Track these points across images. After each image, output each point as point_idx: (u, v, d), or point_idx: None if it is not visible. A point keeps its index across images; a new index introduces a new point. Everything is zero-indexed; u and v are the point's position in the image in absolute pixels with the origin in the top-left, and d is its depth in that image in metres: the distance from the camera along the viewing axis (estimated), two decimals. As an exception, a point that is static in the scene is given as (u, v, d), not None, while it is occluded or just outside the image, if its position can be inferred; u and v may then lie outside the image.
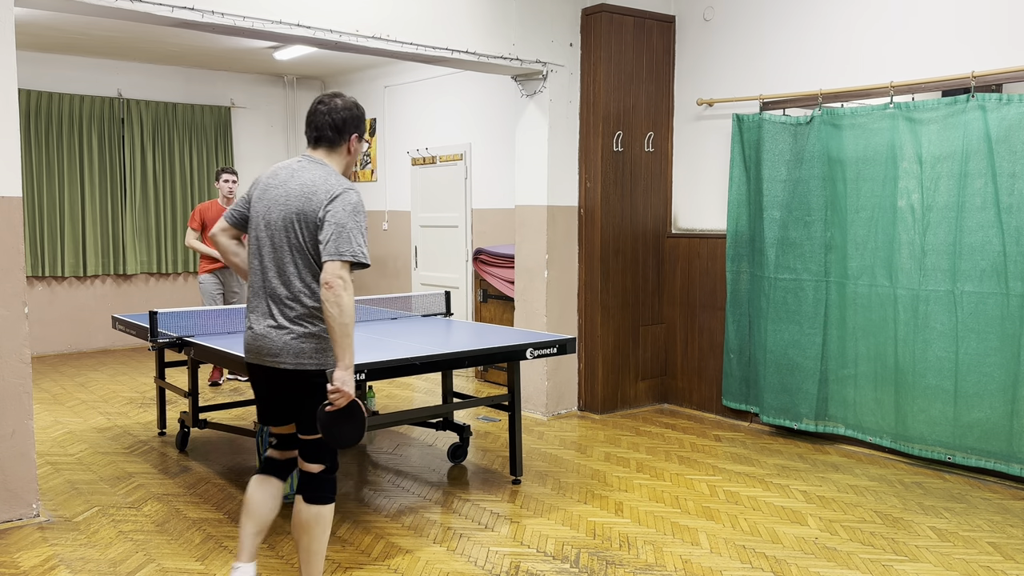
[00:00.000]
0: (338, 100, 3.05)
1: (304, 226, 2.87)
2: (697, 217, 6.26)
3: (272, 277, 2.92)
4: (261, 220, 2.96)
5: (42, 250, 8.70)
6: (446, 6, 5.37)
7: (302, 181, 2.92)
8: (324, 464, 3.01)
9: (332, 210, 2.84)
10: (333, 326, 2.77)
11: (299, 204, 2.88)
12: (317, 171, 2.95)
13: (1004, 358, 4.51)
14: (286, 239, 2.90)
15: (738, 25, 5.90)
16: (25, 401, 3.99)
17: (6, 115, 3.88)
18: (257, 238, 2.97)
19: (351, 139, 3.07)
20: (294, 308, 2.90)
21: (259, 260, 2.96)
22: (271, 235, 2.92)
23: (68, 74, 8.80)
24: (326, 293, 2.77)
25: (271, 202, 2.95)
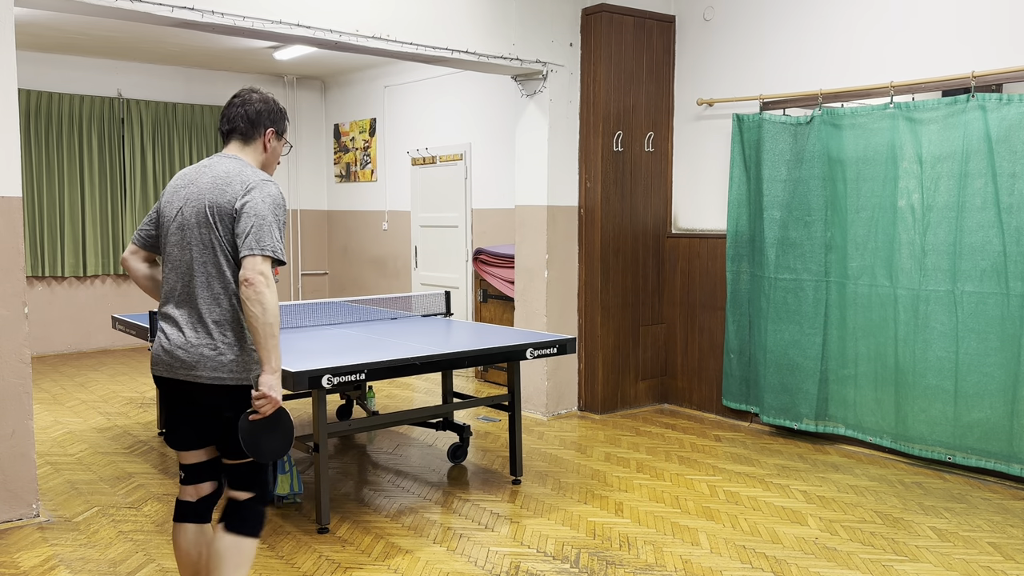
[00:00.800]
0: (255, 94, 2.80)
1: (219, 220, 2.59)
2: (697, 217, 6.26)
3: (186, 281, 2.63)
4: (172, 223, 2.67)
5: (42, 250, 8.70)
6: (446, 6, 5.37)
7: (214, 174, 2.65)
8: (253, 492, 2.75)
9: (250, 201, 2.57)
10: (256, 326, 2.50)
11: (212, 196, 2.60)
12: (230, 163, 2.69)
13: (1004, 358, 4.51)
14: (199, 237, 2.61)
15: (738, 25, 5.90)
16: (25, 401, 3.99)
17: (6, 115, 3.88)
18: (167, 242, 2.69)
19: (267, 133, 2.78)
20: (212, 313, 2.60)
21: (171, 265, 2.68)
22: (183, 236, 2.64)
23: (68, 74, 8.80)
24: (246, 291, 2.50)
25: (182, 202, 2.66)
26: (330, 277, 10.68)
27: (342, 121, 10.24)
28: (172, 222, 2.68)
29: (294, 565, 3.57)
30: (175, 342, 2.62)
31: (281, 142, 2.86)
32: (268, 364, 2.54)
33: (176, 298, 2.66)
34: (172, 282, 2.67)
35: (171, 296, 2.67)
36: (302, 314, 5.62)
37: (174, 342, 2.63)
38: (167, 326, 2.66)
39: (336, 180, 10.44)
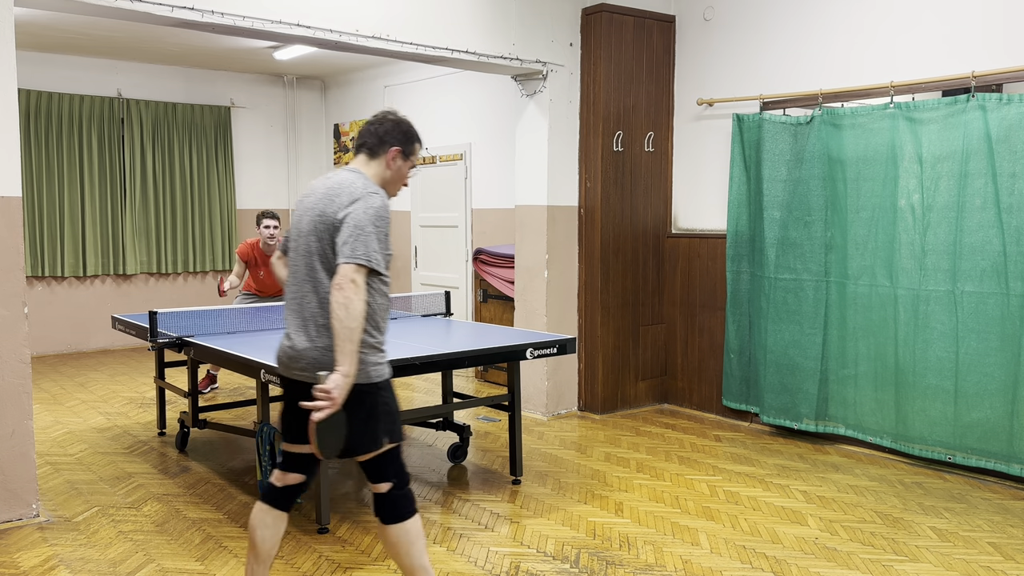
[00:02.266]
0: (390, 115, 3.01)
1: (324, 229, 2.74)
2: (697, 217, 6.26)
3: (301, 287, 2.80)
4: (295, 231, 2.87)
5: (42, 250, 8.70)
6: (446, 6, 5.37)
7: (328, 185, 2.82)
8: (391, 481, 2.81)
9: (352, 212, 2.69)
10: (337, 328, 2.59)
11: (322, 207, 2.76)
12: (346, 175, 2.84)
13: (1004, 358, 4.51)
14: (307, 245, 2.78)
15: (738, 25, 5.90)
16: (25, 401, 3.99)
17: (6, 115, 3.88)
18: (291, 249, 2.88)
19: (391, 151, 2.97)
20: (318, 318, 2.74)
21: (292, 272, 2.86)
22: (300, 244, 2.81)
23: (68, 74, 8.80)
24: (335, 295, 2.61)
25: (302, 211, 2.85)
26: (330, 277, 10.67)
27: (342, 121, 10.24)
28: (295, 230, 2.88)
29: (294, 565, 3.57)
30: (289, 343, 2.81)
31: (407, 163, 3.03)
32: (341, 366, 2.61)
33: (291, 303, 2.84)
34: (290, 287, 2.87)
35: (289, 300, 2.86)
36: (302, 314, 5.60)
37: (288, 343, 2.82)
38: (288, 328, 2.84)
39: (336, 180, 10.42)
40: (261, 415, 4.36)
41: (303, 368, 2.76)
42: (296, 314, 2.80)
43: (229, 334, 4.80)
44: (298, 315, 2.79)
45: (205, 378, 6.81)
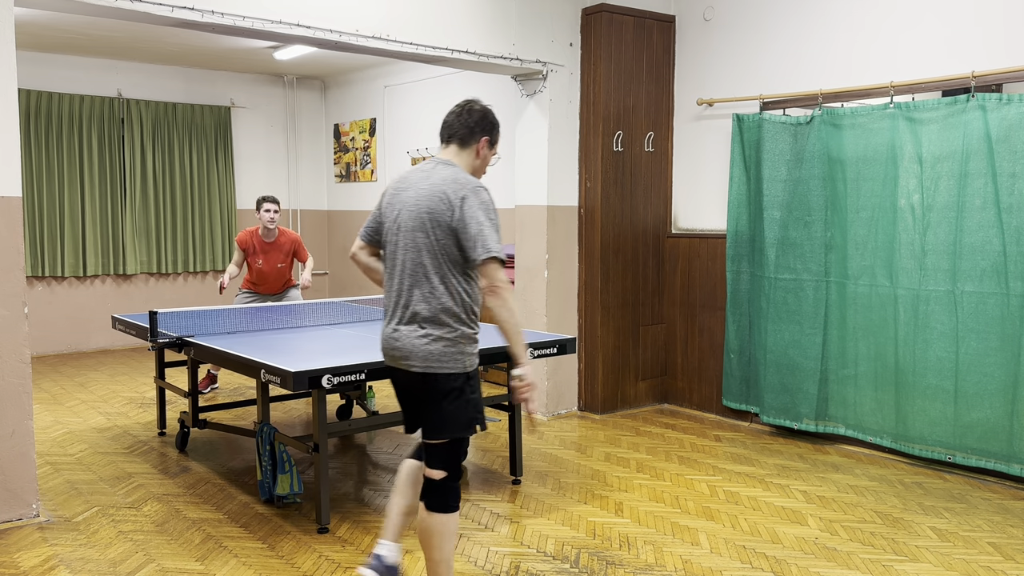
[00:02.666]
0: (476, 104, 3.06)
1: (435, 226, 2.85)
2: (697, 217, 6.26)
3: (406, 281, 2.90)
4: (393, 225, 2.95)
5: (42, 250, 8.70)
6: (446, 6, 5.37)
7: (433, 182, 2.90)
8: (447, 471, 2.93)
9: (468, 209, 2.82)
10: (507, 329, 2.84)
11: (430, 204, 2.86)
12: (447, 171, 2.93)
13: (1004, 358, 4.51)
14: (414, 241, 2.88)
15: (738, 25, 5.90)
16: (25, 401, 3.99)
17: (6, 115, 3.88)
18: (389, 243, 2.97)
19: (481, 141, 3.03)
20: (427, 310, 2.86)
21: (392, 265, 2.95)
22: (403, 239, 2.90)
23: (68, 74, 8.80)
24: (493, 300, 2.82)
25: (402, 206, 2.93)
26: (330, 277, 10.69)
27: (342, 121, 10.24)
28: (393, 224, 2.95)
29: (294, 565, 3.57)
30: (393, 335, 2.92)
31: (492, 152, 3.10)
32: (523, 358, 2.89)
33: (395, 296, 2.94)
34: (391, 281, 2.96)
35: (390, 294, 2.96)
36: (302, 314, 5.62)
37: (392, 335, 2.93)
38: (389, 320, 2.95)
39: (336, 180, 10.44)
40: (261, 415, 4.36)
41: (408, 360, 2.88)
42: (398, 306, 2.92)
43: (229, 334, 4.80)
44: (401, 307, 2.91)
45: (205, 378, 6.80)
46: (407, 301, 2.89)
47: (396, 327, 2.92)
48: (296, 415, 6.15)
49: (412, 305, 2.88)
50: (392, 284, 2.95)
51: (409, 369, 2.89)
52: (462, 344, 2.89)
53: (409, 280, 2.89)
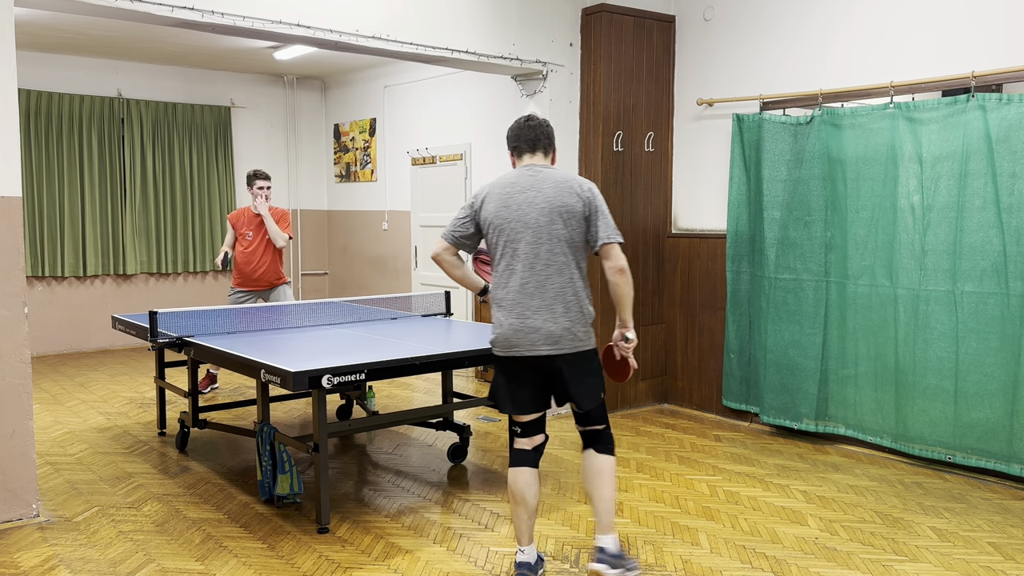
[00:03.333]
0: (541, 118, 3.45)
1: (570, 218, 3.20)
2: (697, 217, 6.26)
3: (539, 273, 3.18)
4: (516, 223, 3.20)
5: (42, 250, 8.70)
6: (446, 6, 5.37)
7: (555, 181, 3.25)
8: (605, 423, 3.36)
9: (595, 200, 3.25)
10: (625, 300, 3.26)
11: (562, 200, 3.20)
12: (559, 172, 3.32)
13: (1004, 358, 4.51)
14: (551, 233, 3.18)
15: (738, 25, 5.90)
16: (25, 401, 3.99)
17: (6, 115, 3.88)
18: (512, 240, 3.20)
19: (554, 150, 3.45)
20: (565, 296, 3.19)
21: (519, 261, 3.19)
22: (533, 235, 3.18)
23: (68, 74, 8.80)
24: (620, 277, 3.22)
25: (526, 206, 3.21)
26: (330, 277, 10.69)
27: (342, 121, 10.24)
28: (515, 223, 3.20)
29: (294, 565, 3.57)
30: (530, 325, 3.17)
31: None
32: (631, 322, 3.33)
33: (529, 288, 3.18)
34: (520, 274, 3.19)
35: (523, 287, 3.18)
36: (302, 314, 5.62)
37: (529, 325, 3.17)
38: (521, 312, 3.18)
39: (336, 180, 10.44)
40: (261, 415, 4.36)
41: (555, 343, 3.18)
42: (535, 296, 3.18)
43: (229, 334, 4.80)
44: (538, 297, 3.18)
45: (205, 378, 6.80)
46: (547, 290, 3.18)
47: (537, 317, 3.17)
48: (296, 415, 6.15)
49: (552, 293, 3.18)
50: (525, 276, 3.19)
51: (558, 353, 3.18)
52: (590, 324, 3.28)
53: (547, 270, 3.18)
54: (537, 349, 3.18)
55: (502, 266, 3.24)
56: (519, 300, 3.19)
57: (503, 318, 3.22)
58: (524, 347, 3.19)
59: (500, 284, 3.25)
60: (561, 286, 3.19)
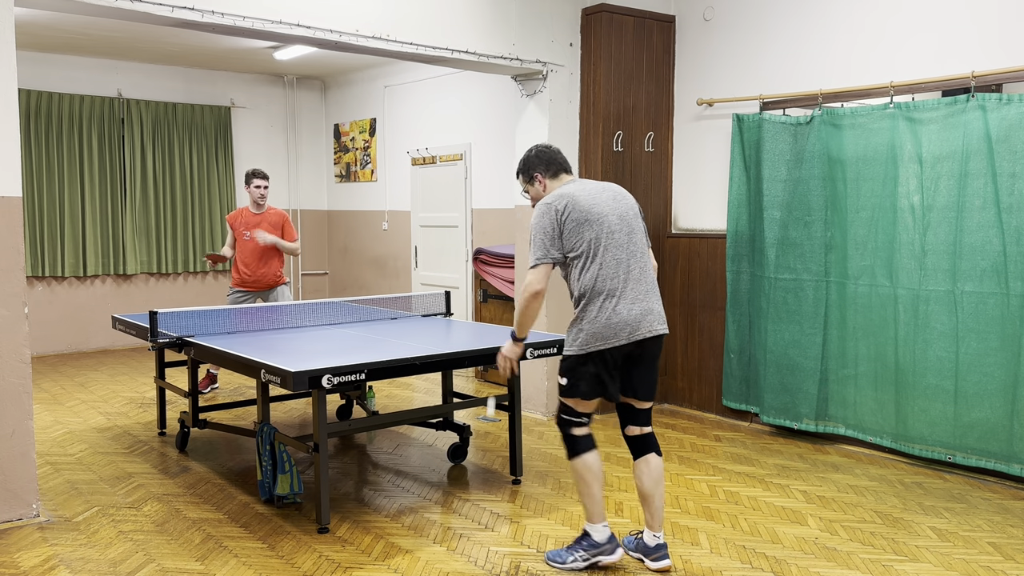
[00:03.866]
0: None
1: (638, 220, 3.54)
2: (697, 217, 6.26)
3: (636, 264, 3.44)
4: (612, 216, 3.42)
5: (42, 250, 8.70)
6: (446, 6, 5.37)
7: (616, 191, 3.55)
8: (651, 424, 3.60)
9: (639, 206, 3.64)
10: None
11: (628, 202, 3.54)
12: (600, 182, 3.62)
13: (1004, 358, 4.51)
14: (636, 227, 3.50)
15: (738, 25, 5.90)
16: (25, 401, 3.99)
17: (6, 115, 3.88)
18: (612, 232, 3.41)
19: None
20: (653, 282, 3.51)
21: (620, 253, 3.41)
22: (625, 230, 3.45)
23: (68, 74, 8.80)
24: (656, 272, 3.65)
25: (610, 207, 3.45)
26: (330, 277, 10.69)
27: (342, 121, 10.24)
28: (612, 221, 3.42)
29: (294, 565, 3.57)
30: (645, 308, 3.41)
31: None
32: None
33: (632, 273, 3.42)
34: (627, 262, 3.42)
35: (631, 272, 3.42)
36: (302, 314, 5.62)
37: (644, 308, 3.41)
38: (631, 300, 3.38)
39: (336, 180, 10.44)
40: (261, 415, 4.36)
41: (661, 323, 3.46)
42: (640, 282, 3.43)
43: (229, 334, 4.80)
44: (642, 283, 3.44)
45: (205, 378, 6.80)
46: (647, 277, 3.47)
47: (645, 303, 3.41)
48: (296, 415, 6.15)
49: (649, 277, 3.48)
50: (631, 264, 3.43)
51: (660, 333, 3.45)
52: None
53: (642, 258, 3.48)
54: (655, 329, 3.42)
55: (608, 257, 3.39)
56: (634, 286, 3.41)
57: (624, 306, 3.37)
58: (644, 329, 3.39)
59: (608, 275, 3.38)
60: (649, 276, 3.50)
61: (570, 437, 3.49)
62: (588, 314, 3.38)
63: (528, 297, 3.38)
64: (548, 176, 3.60)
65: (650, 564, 3.52)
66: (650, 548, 3.54)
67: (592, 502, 3.48)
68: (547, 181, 3.60)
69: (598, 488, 3.48)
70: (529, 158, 3.65)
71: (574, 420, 3.50)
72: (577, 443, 3.49)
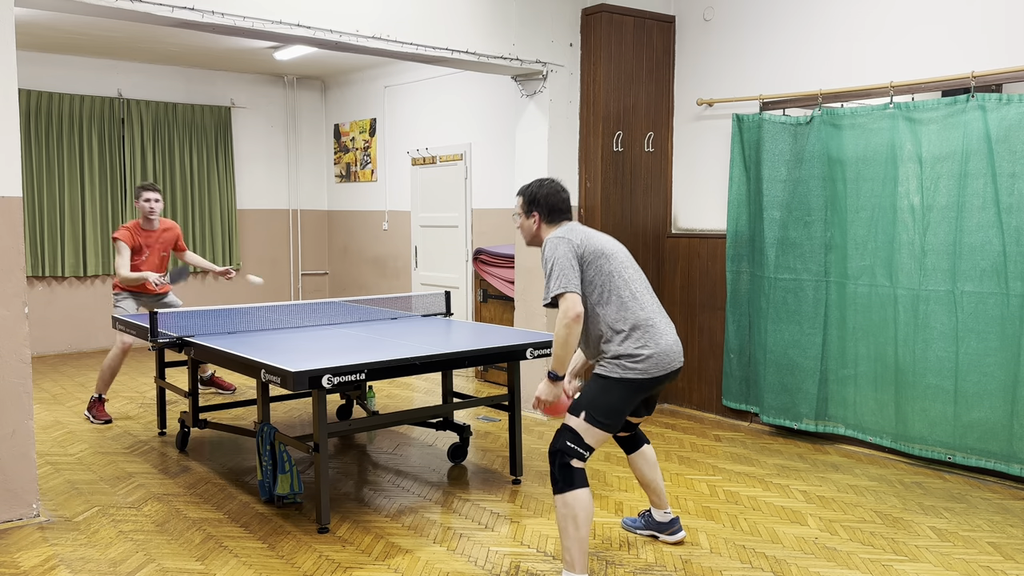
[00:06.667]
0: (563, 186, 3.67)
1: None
2: (697, 217, 6.27)
3: (653, 294, 3.50)
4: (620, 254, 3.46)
5: (42, 250, 8.70)
6: (446, 6, 5.37)
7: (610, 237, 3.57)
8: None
9: None
10: None
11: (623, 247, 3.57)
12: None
13: (1004, 358, 4.51)
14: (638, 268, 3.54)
15: (738, 25, 5.90)
16: (25, 401, 4.00)
17: (6, 115, 3.88)
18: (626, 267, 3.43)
19: None
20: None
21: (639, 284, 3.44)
22: (632, 262, 3.50)
23: (68, 74, 8.80)
24: None
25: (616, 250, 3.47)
26: (330, 277, 10.69)
27: (342, 121, 10.24)
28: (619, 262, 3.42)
29: (294, 565, 3.57)
30: (674, 339, 3.42)
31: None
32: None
33: (656, 306, 3.45)
34: (647, 300, 3.42)
35: (654, 310, 3.42)
36: (302, 314, 5.62)
37: (674, 339, 3.41)
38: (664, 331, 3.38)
39: (336, 180, 10.44)
40: (261, 415, 4.36)
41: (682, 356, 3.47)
42: (661, 313, 3.45)
43: (229, 334, 4.81)
44: (662, 313, 3.46)
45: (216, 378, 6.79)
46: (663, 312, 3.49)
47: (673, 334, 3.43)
48: (296, 415, 6.15)
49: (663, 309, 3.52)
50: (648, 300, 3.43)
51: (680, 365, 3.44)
52: None
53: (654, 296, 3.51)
54: (679, 360, 3.43)
55: (629, 291, 3.37)
56: (657, 320, 3.39)
57: (661, 337, 3.35)
58: (676, 359, 3.40)
59: (637, 306, 3.36)
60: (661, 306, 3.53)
61: (567, 468, 3.23)
62: (634, 344, 3.29)
63: (570, 321, 3.17)
64: (546, 222, 3.53)
65: (667, 538, 3.75)
66: (664, 524, 3.76)
67: (579, 548, 3.21)
68: (543, 224, 3.54)
69: (586, 532, 3.22)
70: (537, 196, 3.53)
71: (580, 452, 3.25)
72: (574, 476, 3.23)
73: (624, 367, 3.29)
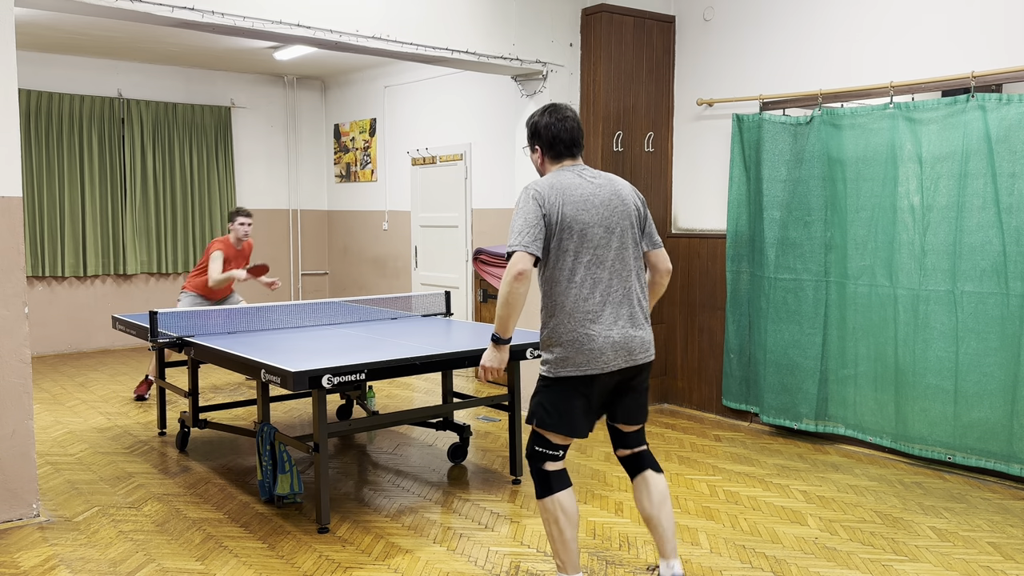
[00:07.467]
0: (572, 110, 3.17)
1: (638, 220, 3.11)
2: (697, 217, 6.27)
3: (623, 280, 3.02)
4: (598, 228, 2.99)
5: (42, 250, 8.70)
6: (446, 6, 5.37)
7: (617, 185, 3.10)
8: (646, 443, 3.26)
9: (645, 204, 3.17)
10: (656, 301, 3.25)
11: (632, 202, 3.09)
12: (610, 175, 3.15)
13: (1004, 358, 4.51)
14: (632, 237, 3.07)
15: (738, 25, 5.90)
16: (25, 401, 4.00)
17: (6, 115, 3.88)
18: (597, 247, 2.98)
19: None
20: (643, 302, 3.09)
21: (605, 268, 2.99)
22: (618, 239, 3.02)
23: (68, 74, 8.80)
24: (666, 279, 3.20)
25: (604, 209, 3.01)
26: (330, 277, 10.69)
27: (342, 121, 10.24)
28: (598, 227, 2.98)
29: (294, 565, 3.57)
30: (630, 333, 3.00)
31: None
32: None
33: (616, 297, 3.00)
34: (607, 282, 2.99)
35: (608, 296, 2.99)
36: (302, 314, 5.62)
37: (629, 333, 3.00)
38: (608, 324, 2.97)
39: (336, 180, 10.44)
40: (261, 415, 4.36)
41: (646, 351, 3.06)
42: (624, 305, 3.01)
43: (229, 334, 4.81)
44: (626, 305, 3.01)
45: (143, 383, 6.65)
46: (633, 296, 3.04)
47: (626, 328, 3.00)
48: (296, 415, 6.15)
49: (637, 298, 3.05)
50: (614, 283, 3.00)
51: (646, 361, 3.07)
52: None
53: (630, 277, 3.04)
54: (636, 358, 3.02)
55: (580, 274, 2.95)
56: (613, 310, 2.97)
57: (597, 331, 2.94)
58: (622, 359, 2.98)
59: (581, 295, 2.95)
60: (639, 291, 3.06)
61: (541, 473, 3.04)
62: (556, 332, 2.99)
63: (511, 279, 2.85)
64: (548, 157, 3.14)
65: None
66: None
67: (566, 551, 3.03)
68: (546, 159, 3.15)
69: (572, 534, 3.03)
70: (537, 127, 3.13)
71: (548, 453, 3.05)
72: (550, 480, 3.03)
73: (544, 361, 3.04)
